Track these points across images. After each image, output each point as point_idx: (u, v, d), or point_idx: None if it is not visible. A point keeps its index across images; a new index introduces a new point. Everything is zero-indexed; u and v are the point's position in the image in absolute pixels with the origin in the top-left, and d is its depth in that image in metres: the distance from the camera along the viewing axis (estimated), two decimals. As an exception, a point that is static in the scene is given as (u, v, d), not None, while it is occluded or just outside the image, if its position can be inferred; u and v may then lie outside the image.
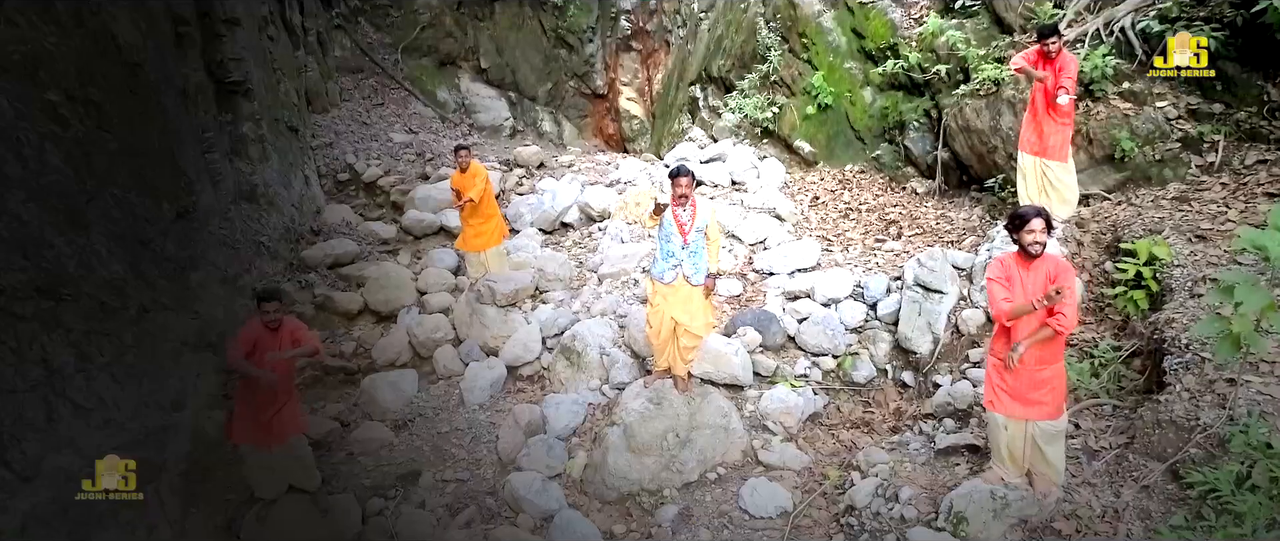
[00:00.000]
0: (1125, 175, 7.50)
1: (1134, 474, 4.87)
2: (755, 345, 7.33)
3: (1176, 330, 5.41)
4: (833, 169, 11.28)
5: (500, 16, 17.27)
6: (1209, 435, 4.67)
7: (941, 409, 6.41)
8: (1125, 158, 7.41)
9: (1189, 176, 7.11)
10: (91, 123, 7.33)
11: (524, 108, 17.46)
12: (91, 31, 7.70)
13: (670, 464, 6.29)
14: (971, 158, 9.14)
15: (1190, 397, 4.96)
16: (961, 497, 4.97)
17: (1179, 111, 7.35)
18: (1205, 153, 7.14)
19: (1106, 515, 4.67)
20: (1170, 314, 5.59)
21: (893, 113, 10.61)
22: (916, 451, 5.96)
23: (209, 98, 10.38)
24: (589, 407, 7.19)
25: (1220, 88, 7.29)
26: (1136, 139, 7.36)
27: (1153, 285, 6.04)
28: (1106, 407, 5.63)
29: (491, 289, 8.57)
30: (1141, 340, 5.80)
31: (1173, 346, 5.34)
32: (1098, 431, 5.39)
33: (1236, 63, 7.21)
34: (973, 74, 8.97)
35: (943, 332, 6.97)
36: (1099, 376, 5.85)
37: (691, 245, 6.22)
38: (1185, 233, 6.34)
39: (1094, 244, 6.95)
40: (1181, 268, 5.92)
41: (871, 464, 5.84)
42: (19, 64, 6.30)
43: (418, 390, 8.04)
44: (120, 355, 6.75)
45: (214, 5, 10.51)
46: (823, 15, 11.74)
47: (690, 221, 6.16)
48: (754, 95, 12.42)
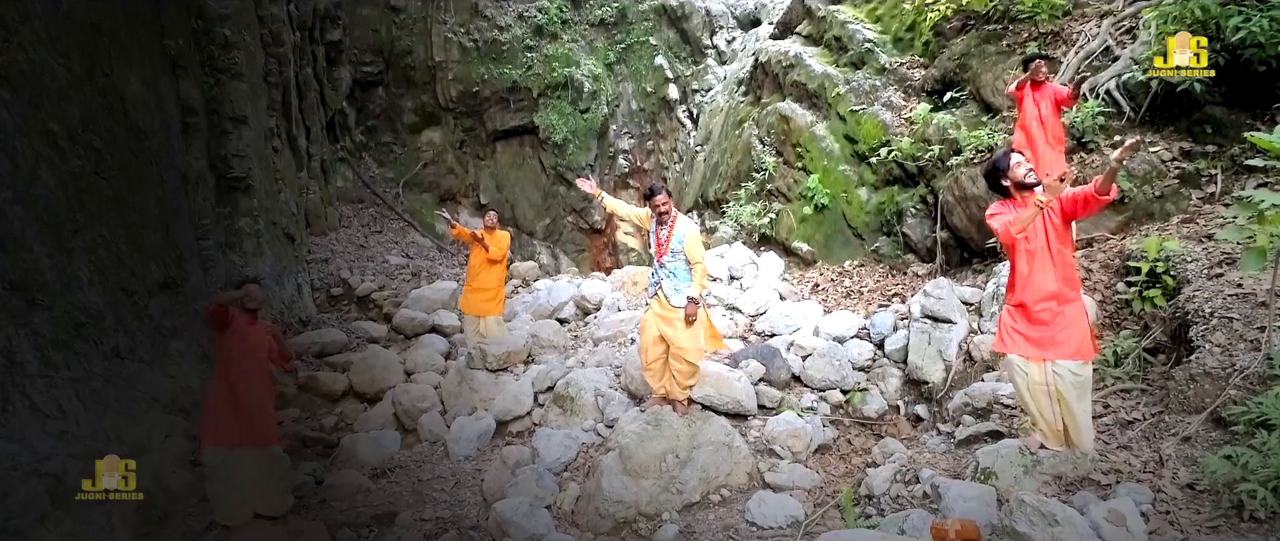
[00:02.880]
0: (1127, 215, 7.43)
1: (1172, 431, 4.46)
2: (758, 377, 6.94)
3: (1199, 302, 5.14)
4: (831, 266, 11.22)
5: (501, 155, 17.86)
6: (1247, 376, 4.35)
7: (959, 410, 5.97)
8: (1125, 198, 7.38)
9: (1190, 207, 7.03)
10: (89, 164, 7.35)
11: (522, 242, 17.65)
12: (101, 88, 7.88)
13: (669, 485, 5.76)
14: (970, 229, 9.10)
15: (1222, 351, 4.66)
16: (988, 454, 4.52)
17: (1173, 154, 7.40)
18: (1204, 186, 7.12)
19: (1148, 467, 4.23)
20: (1191, 293, 5.34)
21: (889, 206, 10.69)
22: (936, 445, 5.48)
23: (209, 188, 10.48)
24: (582, 446, 6.69)
25: (1210, 130, 7.38)
26: (1134, 179, 7.36)
27: (1168, 280, 5.80)
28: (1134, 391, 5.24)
29: (483, 351, 8.25)
30: (1163, 325, 5.50)
31: (1197, 317, 5.06)
32: (1128, 407, 5.01)
33: (1223, 106, 7.34)
34: (964, 147, 9.11)
35: (954, 360, 6.64)
36: (1122, 364, 5.49)
37: (668, 265, 6.05)
38: (1194, 236, 6.19)
39: (1103, 269, 6.76)
40: (1195, 261, 5.72)
41: (888, 454, 5.35)
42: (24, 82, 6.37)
43: (399, 448, 7.53)
44: (87, 378, 6.40)
45: (223, 103, 10.81)
46: (815, 125, 12.11)
47: (666, 240, 6.03)
48: (750, 204, 12.57)
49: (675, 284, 6.06)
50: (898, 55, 11.97)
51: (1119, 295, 6.34)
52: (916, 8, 11.79)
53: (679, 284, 6.05)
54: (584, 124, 17.76)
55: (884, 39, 12.32)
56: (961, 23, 11.02)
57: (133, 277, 7.84)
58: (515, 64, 17.74)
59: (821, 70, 12.50)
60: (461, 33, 17.64)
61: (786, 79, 13.21)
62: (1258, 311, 4.83)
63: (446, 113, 17.97)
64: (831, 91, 12.00)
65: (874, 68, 11.95)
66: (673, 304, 6.06)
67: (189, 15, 10.28)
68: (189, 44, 10.22)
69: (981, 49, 10.18)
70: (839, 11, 13.20)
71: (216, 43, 10.71)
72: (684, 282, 6.04)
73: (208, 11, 10.49)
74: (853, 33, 12.55)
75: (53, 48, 6.99)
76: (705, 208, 14.71)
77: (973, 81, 10.05)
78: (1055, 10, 9.33)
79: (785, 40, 14.24)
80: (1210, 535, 3.55)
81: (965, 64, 10.31)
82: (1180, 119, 7.69)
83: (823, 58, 12.92)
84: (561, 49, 17.99)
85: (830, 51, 13.00)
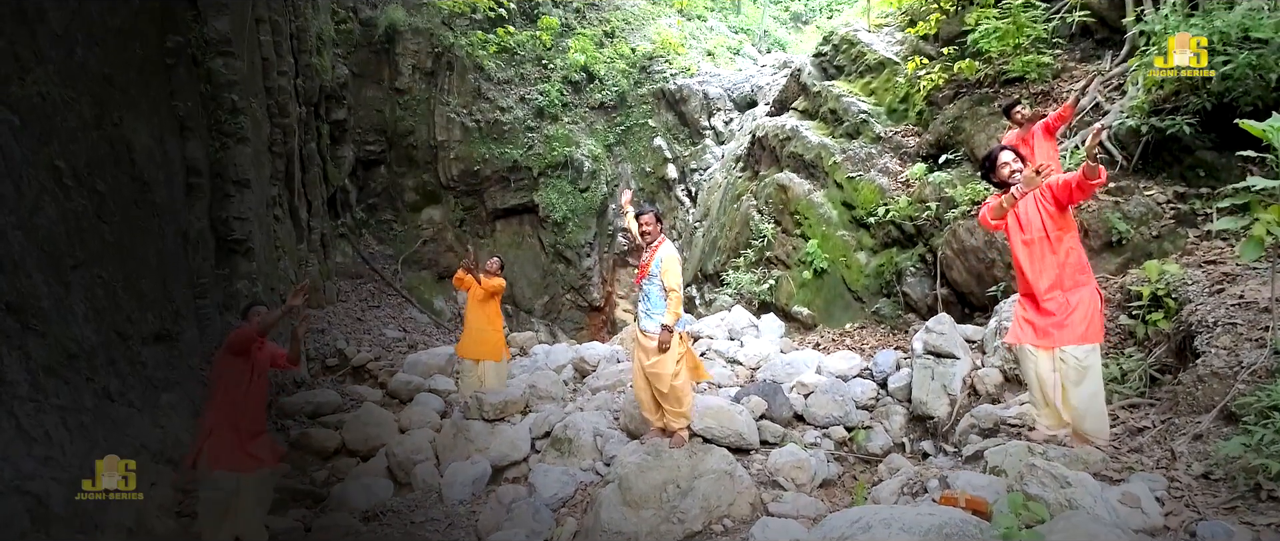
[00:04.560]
0: (1125, 257, 7.43)
1: (1183, 431, 4.35)
2: (760, 413, 6.79)
3: (1202, 314, 5.09)
4: (831, 329, 11.16)
5: (501, 233, 17.99)
6: (1254, 370, 4.29)
7: (965, 433, 5.81)
8: (1122, 240, 7.40)
9: (1188, 243, 7.04)
10: (91, 206, 7.41)
11: (520, 320, 17.60)
12: (108, 135, 8.01)
13: (670, 515, 5.56)
14: (970, 282, 9.10)
15: (1228, 352, 4.61)
16: (996, 452, 4.38)
17: (1167, 197, 7.46)
18: (1200, 224, 7.14)
19: (1161, 463, 4.11)
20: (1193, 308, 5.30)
21: (888, 267, 10.71)
22: (943, 462, 5.31)
23: (209, 248, 10.50)
24: (580, 484, 6.49)
25: (1203, 174, 7.46)
26: (1130, 221, 7.40)
27: (1170, 303, 5.76)
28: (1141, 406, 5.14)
29: (480, 400, 8.10)
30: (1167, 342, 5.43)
31: (1201, 327, 5.01)
32: (1136, 418, 4.89)
33: (1214, 151, 7.44)
34: (960, 202, 9.20)
35: (959, 394, 6.51)
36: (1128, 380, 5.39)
37: (645, 288, 5.99)
38: (1195, 264, 6.17)
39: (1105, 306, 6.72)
40: (1195, 284, 5.70)
41: (894, 469, 5.18)
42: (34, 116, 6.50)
43: (392, 495, 7.31)
44: (76, 409, 6.29)
45: (227, 166, 10.94)
46: (813, 193, 12.26)
47: (648, 264, 6.00)
48: (749, 272, 12.59)
49: (648, 307, 6.00)
50: (892, 124, 12.21)
51: (1122, 326, 6.30)
52: (908, 80, 12.10)
53: (651, 308, 5.98)
54: (583, 202, 17.96)
55: (878, 110, 12.59)
56: (954, 91, 11.29)
57: (128, 323, 7.78)
58: (516, 144, 18.07)
59: (818, 141, 12.73)
60: (464, 114, 18.04)
61: (784, 151, 13.44)
62: (1261, 316, 4.80)
63: (447, 191, 18.20)
64: (828, 160, 12.20)
65: (869, 137, 12.17)
66: (643, 328, 5.99)
67: (198, 79, 10.52)
68: (197, 106, 10.41)
69: (974, 111, 10.40)
70: (833, 87, 13.53)
71: (223, 107, 10.91)
72: (657, 309, 5.94)
73: (217, 77, 10.73)
74: (848, 105, 12.84)
75: (64, 90, 7.14)
76: (704, 281, 14.74)
77: (966, 142, 10.23)
78: (1044, 70, 9.57)
79: (782, 116, 14.55)
80: (1227, 515, 3.42)
81: (959, 126, 10.51)
82: (1172, 165, 7.79)
83: (819, 130, 13.17)
84: (562, 130, 18.37)
85: (826, 124, 13.26)
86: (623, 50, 20.12)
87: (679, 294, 5.91)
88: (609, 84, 19.35)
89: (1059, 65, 9.78)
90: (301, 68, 14.77)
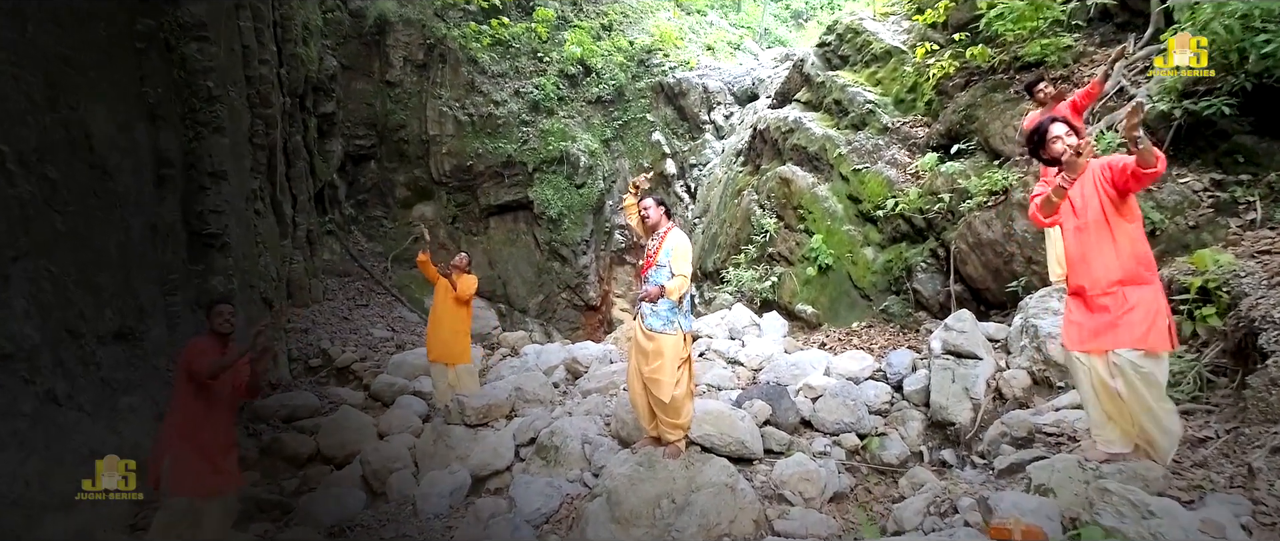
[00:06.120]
0: (1160, 249, 6.83)
1: (1257, 444, 3.77)
2: (764, 419, 6.21)
3: (1265, 309, 4.52)
4: (837, 328, 10.58)
5: (495, 230, 17.43)
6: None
7: (995, 442, 5.22)
8: (1156, 231, 6.82)
9: (1230, 234, 6.47)
10: (40, 193, 6.87)
11: (514, 319, 17.03)
12: (63, 119, 7.47)
13: (664, 534, 4.98)
14: (987, 278, 8.52)
15: (1303, 353, 4.02)
16: (1041, 469, 3.80)
17: (1204, 184, 6.90)
18: (1243, 213, 6.57)
19: (1235, 481, 3.54)
20: (1253, 302, 4.72)
21: (897, 263, 10.13)
22: (972, 477, 4.74)
23: (180, 242, 9.92)
24: (566, 496, 5.91)
25: (1242, 160, 6.89)
26: (1165, 210, 6.84)
27: (1222, 297, 5.18)
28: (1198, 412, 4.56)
29: (462, 404, 7.54)
30: (1224, 340, 4.85)
31: (1266, 323, 4.43)
32: (1195, 427, 4.31)
33: (1253, 134, 6.88)
34: (975, 193, 8.63)
35: (983, 398, 5.93)
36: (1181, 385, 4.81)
37: (652, 278, 5.44)
38: (1245, 255, 5.60)
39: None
40: (1250, 275, 5.12)
41: (918, 485, 4.61)
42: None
43: (364, 508, 6.74)
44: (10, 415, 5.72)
45: (202, 157, 10.37)
46: (817, 186, 11.71)
47: (655, 253, 5.49)
48: (751, 268, 12.03)
49: (652, 306, 5.45)
50: (900, 115, 11.66)
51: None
52: (917, 68, 11.54)
53: (656, 306, 5.44)
54: (580, 199, 17.40)
55: (885, 100, 12.02)
56: (965, 78, 10.72)
57: (81, 320, 7.23)
58: (510, 139, 17.51)
59: (822, 133, 12.17)
60: (457, 108, 17.47)
61: (786, 144, 12.88)
62: (1338, 311, 4.23)
63: (439, 187, 17.63)
64: (833, 152, 11.65)
65: (876, 128, 11.62)
66: (647, 327, 5.43)
67: (171, 65, 9.94)
68: (170, 94, 9.85)
69: (988, 98, 9.84)
70: (838, 77, 12.97)
71: (199, 95, 10.33)
72: (665, 303, 5.41)
73: (191, 62, 10.15)
74: (853, 96, 12.28)
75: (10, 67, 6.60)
76: (704, 279, 14.17)
77: (980, 131, 9.67)
78: (1064, 54, 9.01)
79: (784, 108, 13.99)
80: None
81: (972, 115, 9.95)
82: (1206, 150, 7.22)
83: (823, 121, 12.61)
84: (557, 124, 17.81)
85: (830, 115, 12.70)
86: (620, 43, 19.56)
87: (685, 280, 5.40)
88: (606, 77, 18.78)
89: (1079, 48, 9.22)
90: (286, 57, 14.21)
